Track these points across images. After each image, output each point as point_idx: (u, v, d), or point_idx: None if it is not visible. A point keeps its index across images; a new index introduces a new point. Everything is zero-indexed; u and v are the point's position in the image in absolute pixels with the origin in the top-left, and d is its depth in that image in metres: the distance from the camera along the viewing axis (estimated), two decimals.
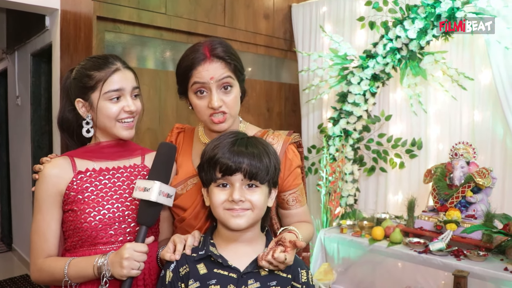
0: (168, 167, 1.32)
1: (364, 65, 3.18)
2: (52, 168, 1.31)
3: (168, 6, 3.09)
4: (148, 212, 1.27)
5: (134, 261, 1.20)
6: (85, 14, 2.83)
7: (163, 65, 3.21)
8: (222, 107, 1.37)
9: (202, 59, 1.36)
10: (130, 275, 1.21)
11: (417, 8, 2.84)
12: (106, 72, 1.32)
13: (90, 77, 1.33)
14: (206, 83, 1.35)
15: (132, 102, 1.35)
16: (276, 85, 3.93)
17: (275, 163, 1.25)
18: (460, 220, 2.47)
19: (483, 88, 2.92)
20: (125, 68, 1.37)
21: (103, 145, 1.39)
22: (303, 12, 3.92)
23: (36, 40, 3.86)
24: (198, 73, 1.36)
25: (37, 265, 1.29)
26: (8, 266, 4.71)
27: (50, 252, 1.29)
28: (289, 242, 1.19)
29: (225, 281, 1.17)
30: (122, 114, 1.34)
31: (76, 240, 1.30)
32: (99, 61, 1.35)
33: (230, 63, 1.38)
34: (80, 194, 1.30)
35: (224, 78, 1.37)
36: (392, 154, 3.31)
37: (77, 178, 1.31)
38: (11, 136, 5.19)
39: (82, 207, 1.29)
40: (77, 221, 1.28)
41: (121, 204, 1.33)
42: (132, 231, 1.33)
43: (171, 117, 3.14)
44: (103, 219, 1.29)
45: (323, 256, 2.97)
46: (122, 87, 1.33)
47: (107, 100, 1.32)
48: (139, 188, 1.27)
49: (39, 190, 1.30)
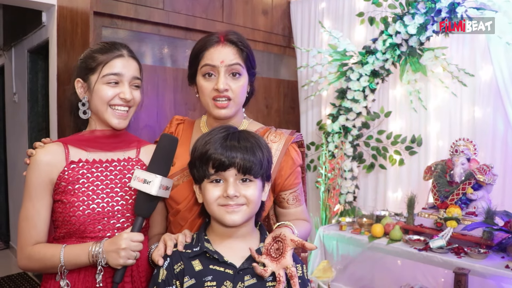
0: (169, 159, 1.30)
1: (363, 61, 3.15)
2: (44, 154, 1.29)
3: (165, 2, 3.06)
4: (147, 204, 1.27)
5: (131, 251, 1.20)
6: (82, 10, 2.80)
7: (161, 61, 3.19)
8: (228, 91, 1.37)
9: (215, 41, 1.38)
10: (126, 264, 1.22)
11: (417, 3, 2.81)
12: (108, 55, 1.33)
13: (93, 59, 1.33)
14: (216, 66, 1.36)
15: (129, 90, 1.34)
16: (274, 81, 3.91)
17: (268, 157, 1.23)
18: (460, 217, 2.46)
19: (484, 84, 2.90)
20: (129, 57, 1.37)
21: (98, 135, 1.37)
22: (302, 8, 3.89)
23: (33, 36, 3.83)
24: (209, 55, 1.37)
25: (25, 252, 1.27)
26: (6, 264, 4.69)
27: (39, 240, 1.28)
28: (291, 241, 1.17)
29: (221, 278, 1.15)
30: (116, 100, 1.33)
31: (64, 232, 1.29)
32: (106, 45, 1.37)
33: (243, 51, 1.40)
34: (70, 185, 1.28)
35: (234, 64, 1.37)
36: (392, 151, 3.29)
37: (69, 168, 1.29)
38: (8, 133, 5.18)
39: (71, 200, 1.27)
40: (65, 214, 1.27)
41: (111, 199, 1.31)
42: (121, 226, 1.32)
43: (168, 114, 3.11)
44: (92, 213, 1.27)
45: (322, 253, 2.96)
46: (121, 73, 1.33)
47: (104, 84, 1.32)
48: (139, 178, 1.25)
49: (30, 176, 1.27)
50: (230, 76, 1.38)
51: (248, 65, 1.43)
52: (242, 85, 1.40)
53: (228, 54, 1.37)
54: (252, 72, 1.46)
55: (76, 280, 1.26)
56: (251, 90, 1.51)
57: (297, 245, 1.17)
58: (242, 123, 1.51)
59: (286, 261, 1.15)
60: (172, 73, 3.15)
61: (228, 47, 1.38)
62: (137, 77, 1.37)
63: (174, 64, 3.23)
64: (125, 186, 1.34)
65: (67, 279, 1.24)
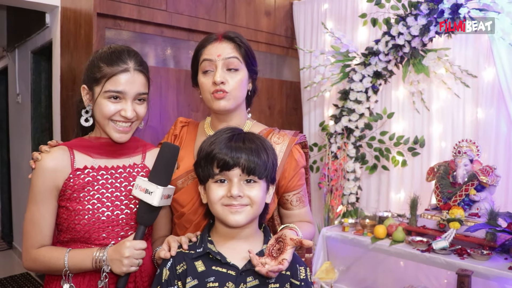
0: (170, 168, 1.30)
1: (366, 62, 3.16)
2: (50, 160, 1.28)
3: (168, 3, 3.07)
4: (148, 213, 1.27)
5: (134, 259, 1.22)
6: (85, 11, 2.82)
7: (164, 62, 3.19)
8: (224, 84, 1.38)
9: (214, 39, 1.43)
10: (129, 272, 1.23)
11: (420, 5, 2.81)
12: (113, 69, 1.27)
13: (99, 69, 1.29)
14: (213, 60, 1.39)
15: (131, 107, 1.30)
16: (277, 82, 3.91)
17: (273, 159, 1.24)
18: (463, 218, 2.45)
19: (487, 85, 2.89)
20: (135, 71, 1.30)
21: (103, 142, 1.36)
22: (305, 9, 3.89)
23: (37, 38, 3.85)
24: (207, 50, 1.41)
25: (31, 254, 1.28)
26: (9, 264, 4.71)
27: (44, 243, 1.29)
28: (290, 239, 1.17)
29: (224, 279, 1.16)
30: (117, 117, 1.30)
31: (68, 237, 1.29)
32: (114, 54, 1.31)
33: (240, 46, 1.43)
34: (76, 193, 1.28)
35: (231, 58, 1.39)
36: (394, 152, 3.28)
37: (75, 175, 1.29)
38: (11, 134, 5.20)
39: (77, 208, 1.27)
40: (70, 221, 1.27)
41: (116, 208, 1.32)
42: (125, 234, 1.32)
43: (171, 115, 3.12)
44: (97, 222, 1.28)
45: (325, 254, 2.95)
46: (124, 91, 1.28)
47: (106, 98, 1.28)
48: (140, 188, 1.26)
49: (36, 181, 1.28)
50: (227, 71, 1.40)
51: (247, 60, 1.44)
52: (240, 79, 1.41)
53: (225, 48, 1.40)
54: (252, 69, 1.47)
55: (81, 283, 1.27)
56: (253, 89, 1.52)
57: (296, 244, 1.17)
58: (246, 124, 1.51)
59: (284, 255, 1.16)
60: (175, 74, 3.16)
61: (225, 43, 1.41)
62: (142, 93, 1.33)
63: (177, 65, 3.24)
64: (130, 193, 1.34)
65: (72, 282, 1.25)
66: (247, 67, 1.44)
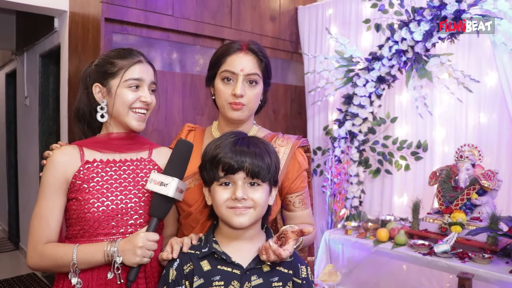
0: (184, 164, 1.35)
1: (369, 67, 3.19)
2: (61, 155, 1.34)
3: (175, 8, 3.12)
4: (163, 206, 1.31)
5: (147, 250, 1.25)
6: (93, 16, 2.87)
7: (170, 66, 3.24)
8: (243, 98, 1.43)
9: (237, 48, 1.45)
10: (142, 263, 1.26)
11: (423, 11, 2.84)
12: (129, 61, 1.39)
13: (113, 64, 1.39)
14: (235, 73, 1.42)
15: (149, 94, 1.41)
16: (282, 87, 3.95)
17: (276, 162, 1.28)
18: (465, 222, 2.47)
19: (489, 91, 2.91)
20: (147, 62, 1.44)
21: (113, 137, 1.42)
22: (309, 14, 3.93)
23: (45, 42, 3.90)
24: (231, 61, 1.44)
25: (36, 249, 1.30)
26: (15, 265, 4.76)
27: (50, 238, 1.31)
28: (291, 232, 1.21)
29: (229, 277, 1.19)
30: (137, 103, 1.39)
31: (77, 229, 1.32)
32: (123, 51, 1.43)
33: (262, 61, 1.46)
34: (85, 183, 1.32)
35: (252, 74, 1.44)
36: (398, 156, 3.30)
37: (84, 167, 1.34)
38: (19, 136, 5.25)
39: (86, 197, 1.31)
40: (80, 211, 1.31)
41: (124, 197, 1.36)
42: (134, 223, 1.36)
43: (177, 118, 3.16)
44: (106, 210, 1.32)
45: (327, 257, 2.98)
46: (142, 77, 1.40)
47: (126, 88, 1.38)
48: (155, 181, 1.30)
49: (46, 175, 1.32)
50: (247, 83, 1.44)
51: (265, 75, 1.49)
52: (257, 93, 1.47)
53: (248, 62, 1.44)
54: (267, 82, 1.52)
55: (89, 278, 1.29)
56: (264, 99, 1.57)
57: (297, 234, 1.20)
58: (252, 129, 1.56)
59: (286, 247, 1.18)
60: (181, 78, 3.20)
61: (249, 56, 1.44)
62: (154, 82, 1.45)
63: (183, 69, 3.28)
64: (138, 184, 1.39)
65: (80, 277, 1.28)
66: (264, 81, 1.50)
